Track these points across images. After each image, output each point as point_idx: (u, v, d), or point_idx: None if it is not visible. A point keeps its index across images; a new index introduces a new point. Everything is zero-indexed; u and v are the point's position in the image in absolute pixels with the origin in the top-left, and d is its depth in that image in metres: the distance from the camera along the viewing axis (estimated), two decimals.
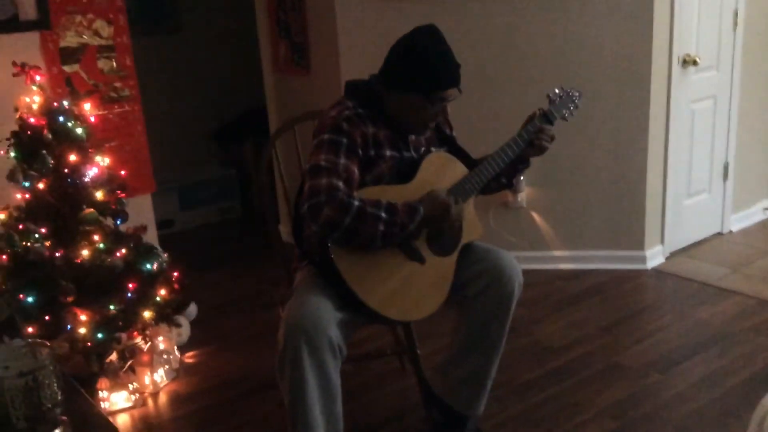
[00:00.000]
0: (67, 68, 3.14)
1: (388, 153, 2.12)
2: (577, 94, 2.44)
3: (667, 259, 3.88)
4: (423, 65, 2.04)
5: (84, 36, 3.17)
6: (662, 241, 3.86)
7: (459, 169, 2.23)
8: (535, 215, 3.83)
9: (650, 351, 2.97)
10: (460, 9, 3.57)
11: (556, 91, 2.40)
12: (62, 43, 3.12)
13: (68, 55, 3.14)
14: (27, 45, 3.03)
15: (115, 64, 3.27)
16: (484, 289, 2.17)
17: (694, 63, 3.67)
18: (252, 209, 5.22)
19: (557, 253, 3.86)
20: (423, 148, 2.23)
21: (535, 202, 3.81)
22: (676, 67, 3.62)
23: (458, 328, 2.29)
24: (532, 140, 2.25)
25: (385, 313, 2.02)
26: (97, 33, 3.20)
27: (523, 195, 3.78)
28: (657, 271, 3.77)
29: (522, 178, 3.69)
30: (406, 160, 2.16)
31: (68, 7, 3.10)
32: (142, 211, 3.37)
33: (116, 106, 3.30)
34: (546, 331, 3.19)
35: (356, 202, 1.93)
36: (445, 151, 2.30)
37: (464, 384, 2.32)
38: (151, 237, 3.44)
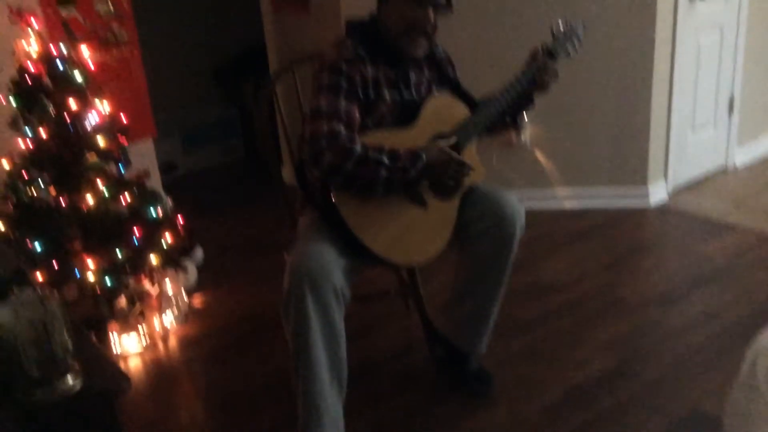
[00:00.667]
0: (63, 11, 3.10)
1: (387, 94, 2.10)
2: (581, 27, 2.39)
3: (670, 195, 3.88)
4: None
5: None
6: (665, 177, 3.85)
7: (461, 111, 2.22)
8: (538, 153, 3.82)
9: (651, 287, 3.01)
10: None
11: (560, 25, 2.35)
12: None
13: None
14: None
15: (112, 6, 3.22)
16: (486, 230, 2.18)
17: None
18: (255, 149, 5.22)
19: (560, 191, 3.86)
20: (424, 89, 2.21)
21: (538, 139, 3.79)
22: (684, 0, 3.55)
23: (460, 269, 2.32)
24: (536, 78, 2.23)
25: (389, 257, 2.04)
26: None
27: (527, 133, 3.76)
28: (660, 208, 3.78)
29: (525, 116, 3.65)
30: (407, 102, 2.15)
31: None
32: (144, 155, 3.37)
33: (114, 50, 3.26)
34: (548, 269, 3.22)
35: (358, 147, 1.93)
36: (448, 92, 2.29)
37: (467, 322, 2.36)
38: (155, 182, 3.45)
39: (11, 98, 2.59)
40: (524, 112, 2.36)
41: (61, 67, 2.59)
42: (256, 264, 3.53)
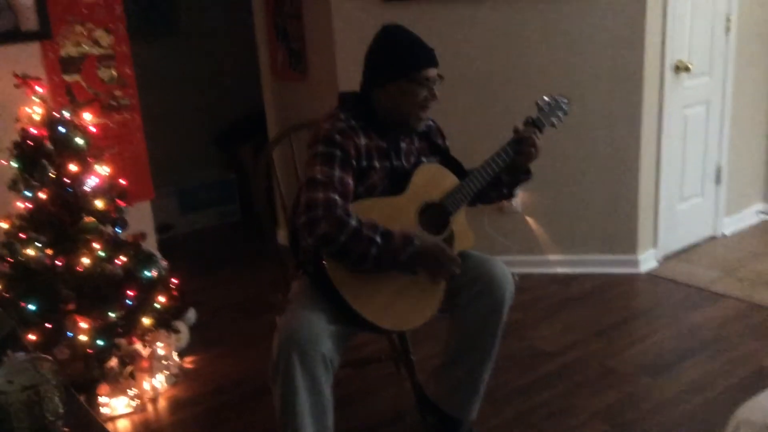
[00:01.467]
0: (67, 77, 3.19)
1: (378, 164, 2.17)
2: (565, 101, 2.49)
3: (660, 262, 3.93)
4: (397, 49, 2.15)
5: (84, 45, 3.21)
6: (655, 245, 3.91)
7: (450, 180, 2.28)
8: (529, 219, 3.88)
9: (642, 355, 3.02)
10: (453, 14, 3.62)
11: (545, 98, 2.45)
12: (63, 53, 3.16)
13: (69, 64, 3.19)
14: (28, 55, 3.08)
15: (115, 72, 3.32)
16: (476, 297, 2.21)
17: (687, 69, 3.72)
18: (251, 212, 5.27)
19: (552, 257, 3.91)
20: (413, 158, 2.28)
21: (529, 206, 3.85)
22: (668, 73, 3.67)
23: (451, 335, 2.34)
24: (520, 149, 2.30)
25: (380, 323, 2.06)
26: (97, 42, 3.25)
27: (518, 200, 3.82)
28: (650, 275, 3.82)
29: None
30: (397, 170, 2.21)
31: (68, 16, 3.15)
32: (141, 217, 3.42)
33: (116, 115, 3.35)
34: (540, 335, 3.24)
35: (353, 221, 1.97)
36: (438, 161, 2.35)
37: (457, 389, 2.37)
38: (151, 242, 3.49)
39: (12, 161, 2.64)
40: (522, 184, 2.42)
41: (62, 131, 2.65)
42: (249, 326, 3.54)
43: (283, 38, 4.18)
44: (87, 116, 2.88)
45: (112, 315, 2.65)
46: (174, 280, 3.02)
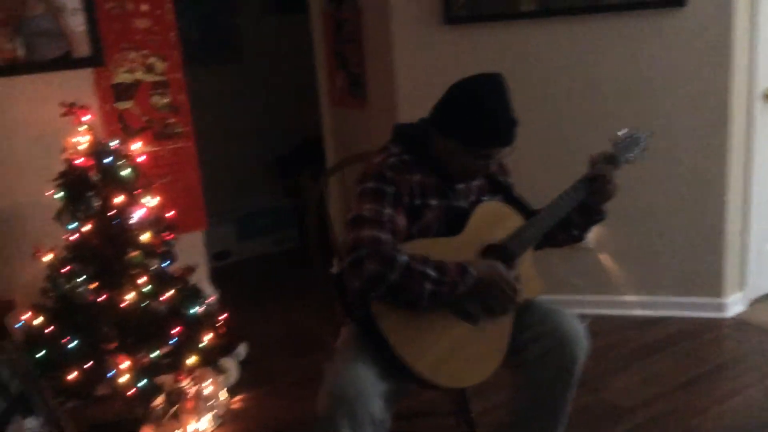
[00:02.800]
0: (120, 105, 3.12)
1: (434, 202, 1.97)
2: (644, 135, 2.25)
3: (749, 307, 3.58)
4: (471, 117, 1.89)
5: (137, 72, 3.13)
6: (743, 288, 3.57)
7: (513, 220, 2.06)
8: (603, 257, 3.60)
9: (731, 414, 2.71)
10: (527, 40, 3.40)
11: (620, 133, 2.22)
12: (115, 80, 3.09)
13: (122, 91, 3.11)
14: (80, 82, 3.02)
15: (168, 100, 3.23)
16: (545, 355, 1.98)
17: None
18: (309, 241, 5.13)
19: (627, 298, 3.61)
20: (473, 197, 2.07)
21: (603, 243, 3.57)
22: (758, 102, 3.35)
23: (517, 395, 2.11)
24: (594, 188, 2.07)
25: (434, 380, 1.85)
26: (150, 69, 3.17)
27: (591, 236, 3.54)
28: (737, 321, 3.48)
29: None
30: (454, 209, 2.01)
31: (122, 43, 3.08)
32: (193, 247, 3.31)
33: (169, 143, 3.25)
34: (614, 388, 2.95)
35: (402, 257, 1.78)
36: (500, 200, 2.14)
37: None
38: (202, 273, 3.37)
39: (57, 192, 2.56)
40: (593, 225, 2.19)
41: (109, 162, 2.55)
42: (301, 364, 3.36)
43: (342, 64, 4.05)
44: (136, 146, 2.78)
45: (154, 354, 2.51)
46: (221, 316, 2.87)
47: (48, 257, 2.59)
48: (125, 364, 2.49)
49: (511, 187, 2.20)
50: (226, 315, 2.86)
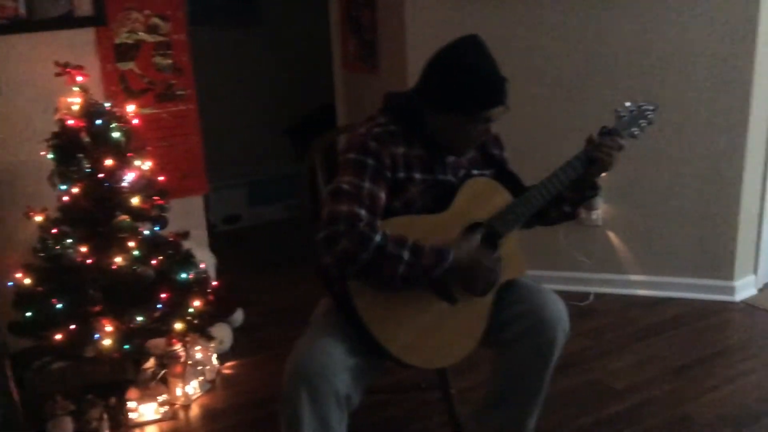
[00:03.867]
0: (121, 65, 3.09)
1: (418, 176, 1.90)
2: (651, 108, 2.15)
3: (760, 291, 3.47)
4: (465, 84, 1.81)
5: (140, 33, 3.10)
6: (755, 271, 3.46)
7: (502, 197, 2.00)
8: (611, 234, 3.51)
9: (726, 401, 2.63)
10: (535, 9, 3.28)
11: (627, 105, 2.14)
12: (117, 40, 3.06)
13: (123, 51, 3.09)
14: (82, 41, 3.00)
15: (171, 61, 3.19)
16: (524, 336, 1.93)
17: None
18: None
19: (634, 277, 3.52)
20: (463, 171, 2.00)
21: (612, 220, 3.48)
22: None
23: (495, 375, 2.07)
24: (592, 157, 1.99)
25: (407, 359, 1.82)
26: (153, 29, 3.13)
27: (599, 212, 3.46)
28: (747, 305, 3.38)
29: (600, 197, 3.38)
30: (442, 184, 1.94)
31: (125, 3, 3.04)
32: (191, 212, 3.30)
33: (171, 105, 3.23)
34: (610, 368, 2.89)
35: (378, 237, 1.73)
36: (492, 174, 2.07)
37: None
38: (200, 237, 3.36)
39: (49, 153, 2.55)
40: (587, 202, 2.12)
41: (100, 124, 2.53)
42: (299, 332, 3.34)
43: (355, 29, 3.97)
44: (130, 108, 2.76)
45: (139, 319, 2.51)
46: (214, 283, 2.86)
47: (39, 218, 2.59)
48: (109, 328, 2.49)
49: (505, 162, 2.13)
50: (217, 283, 2.85)
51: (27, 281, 2.55)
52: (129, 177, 2.60)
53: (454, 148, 1.96)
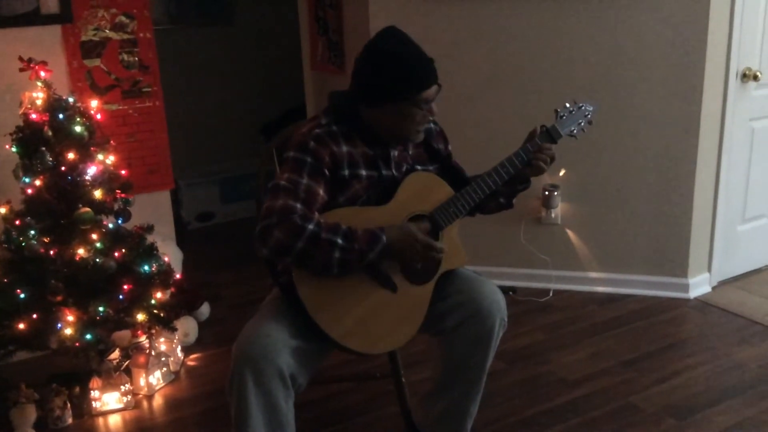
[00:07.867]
0: (88, 62, 3.15)
1: (363, 172, 1.98)
2: (590, 108, 2.23)
3: (713, 288, 3.57)
4: (396, 71, 1.90)
5: (106, 30, 3.16)
6: (709, 269, 3.56)
7: (444, 191, 2.07)
8: (569, 232, 3.59)
9: (672, 393, 2.72)
10: (502, 14, 3.37)
11: (567, 105, 2.22)
12: (84, 37, 3.12)
13: (90, 49, 3.14)
14: (48, 38, 3.05)
15: (137, 58, 3.25)
16: (462, 325, 2.00)
17: (755, 78, 3.34)
18: None
19: (592, 274, 3.61)
20: (406, 166, 2.08)
21: (570, 218, 3.57)
22: (733, 82, 3.30)
23: (437, 362, 2.14)
24: (530, 160, 2.08)
25: (346, 344, 1.89)
26: (120, 27, 3.19)
27: (557, 211, 3.55)
28: (700, 302, 3.47)
29: (556, 194, 3.47)
30: (386, 179, 2.02)
31: (91, 1, 3.10)
32: (158, 206, 3.36)
33: (137, 102, 3.28)
34: (564, 361, 2.97)
35: (310, 226, 1.79)
36: (436, 169, 2.14)
37: (442, 420, 2.17)
38: (167, 232, 3.42)
39: (13, 146, 2.60)
40: (518, 193, 2.20)
41: (62, 118, 2.59)
42: None
43: (323, 30, 4.04)
44: (94, 103, 2.81)
45: (100, 309, 2.57)
46: (178, 276, 2.92)
47: (2, 210, 2.65)
48: (71, 317, 2.55)
49: (449, 157, 2.21)
50: (180, 276, 2.90)
51: None
52: (91, 170, 2.65)
53: (402, 138, 2.02)
